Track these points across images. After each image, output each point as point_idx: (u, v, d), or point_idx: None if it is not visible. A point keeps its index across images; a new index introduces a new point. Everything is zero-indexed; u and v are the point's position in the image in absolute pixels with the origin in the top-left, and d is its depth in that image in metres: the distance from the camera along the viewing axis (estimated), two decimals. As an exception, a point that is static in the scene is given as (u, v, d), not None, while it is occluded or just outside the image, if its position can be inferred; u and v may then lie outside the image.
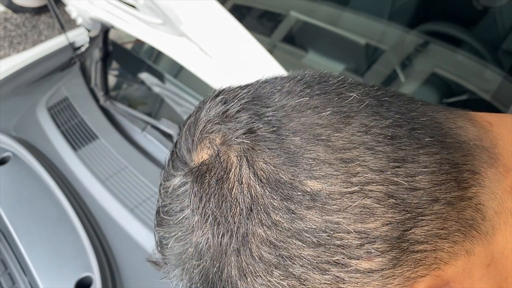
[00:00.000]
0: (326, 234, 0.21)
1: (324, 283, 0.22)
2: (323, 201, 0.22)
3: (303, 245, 0.22)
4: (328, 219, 0.22)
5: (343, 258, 0.22)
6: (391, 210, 0.21)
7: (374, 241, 0.21)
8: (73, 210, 0.90)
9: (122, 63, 1.34)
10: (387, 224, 0.21)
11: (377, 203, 0.21)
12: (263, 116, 0.24)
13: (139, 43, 1.23)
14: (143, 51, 1.24)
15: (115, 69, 1.33)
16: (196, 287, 0.26)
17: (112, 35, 1.34)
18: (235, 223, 0.23)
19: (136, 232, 0.86)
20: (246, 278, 0.23)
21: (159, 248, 0.29)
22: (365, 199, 0.21)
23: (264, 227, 0.22)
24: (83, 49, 1.36)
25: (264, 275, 0.23)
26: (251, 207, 0.23)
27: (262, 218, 0.22)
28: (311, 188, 0.22)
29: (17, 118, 1.16)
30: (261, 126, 0.24)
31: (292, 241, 0.22)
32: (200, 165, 0.25)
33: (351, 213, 0.21)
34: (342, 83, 0.26)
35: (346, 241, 0.21)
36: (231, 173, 0.24)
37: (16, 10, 2.71)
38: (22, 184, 1.00)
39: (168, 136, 1.01)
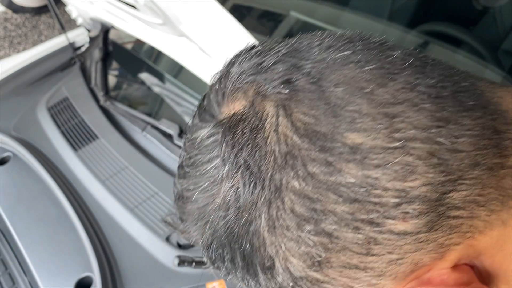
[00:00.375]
0: (364, 189, 0.21)
1: (356, 243, 0.21)
2: (363, 155, 0.21)
3: (339, 199, 0.21)
4: (367, 174, 0.21)
5: (378, 217, 0.21)
6: (432, 170, 0.21)
7: (412, 201, 0.21)
8: (73, 210, 0.90)
9: (122, 63, 1.34)
10: (427, 184, 0.21)
11: (419, 161, 0.21)
12: (301, 68, 0.23)
13: (139, 43, 1.23)
14: (143, 51, 1.24)
15: (115, 69, 1.33)
16: (219, 241, 0.25)
17: (112, 35, 1.34)
18: (268, 173, 0.22)
19: (136, 232, 0.86)
20: (275, 231, 0.23)
21: (179, 203, 0.28)
22: (407, 156, 0.21)
23: (299, 178, 0.22)
24: (83, 49, 1.36)
25: (294, 229, 0.22)
26: (287, 157, 0.22)
27: (298, 169, 0.22)
28: (351, 141, 0.21)
29: (17, 118, 1.16)
30: (300, 77, 0.23)
31: (328, 194, 0.21)
32: (232, 116, 0.24)
33: (392, 170, 0.21)
34: (385, 42, 0.25)
35: (383, 199, 0.21)
36: (266, 123, 0.23)
37: (16, 10, 2.71)
38: (22, 184, 1.00)
39: (168, 136, 1.01)
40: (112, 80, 1.29)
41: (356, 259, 0.22)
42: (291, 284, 0.24)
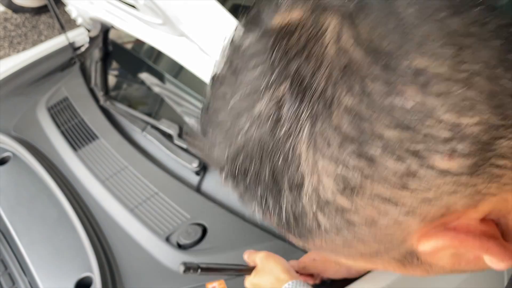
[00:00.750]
0: (418, 117, 0.20)
1: (395, 173, 0.21)
2: (426, 80, 0.20)
3: (391, 123, 0.20)
4: (425, 101, 0.20)
5: (425, 149, 0.20)
6: (490, 110, 0.20)
7: (463, 139, 0.20)
8: (73, 210, 0.90)
9: (122, 63, 1.34)
10: (483, 124, 0.20)
11: (480, 98, 0.20)
12: None
13: (139, 43, 1.23)
14: (143, 51, 1.23)
15: (115, 69, 1.33)
16: (249, 154, 0.23)
17: (112, 35, 1.34)
18: (320, 86, 0.21)
19: (136, 232, 0.86)
20: (315, 147, 0.21)
21: (210, 113, 0.26)
22: (470, 89, 0.20)
23: (353, 95, 0.20)
24: (83, 49, 1.36)
25: (335, 148, 0.21)
26: (345, 70, 0.21)
27: (353, 86, 0.20)
28: (417, 64, 0.20)
29: (17, 118, 1.16)
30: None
31: (380, 116, 0.20)
32: (286, 23, 0.23)
33: (451, 101, 0.20)
34: None
35: (435, 130, 0.20)
36: (327, 33, 0.21)
37: (16, 10, 2.71)
38: (22, 184, 1.00)
39: (168, 136, 1.01)
40: (112, 80, 1.29)
41: (390, 192, 0.21)
42: (314, 208, 0.23)
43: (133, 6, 0.98)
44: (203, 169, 0.95)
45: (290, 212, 0.23)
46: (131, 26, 1.06)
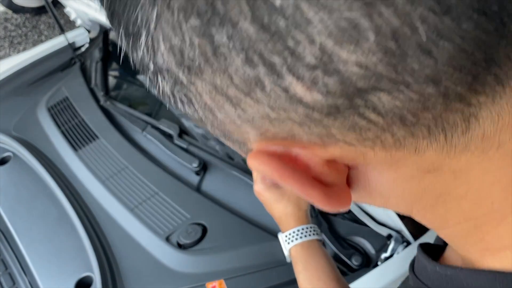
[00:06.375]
0: (283, 22, 0.15)
1: (241, 75, 0.17)
2: None
3: (247, 12, 0.15)
4: (300, 6, 0.14)
5: (282, 64, 0.16)
6: (382, 56, 0.15)
7: (331, 74, 0.15)
8: (73, 210, 0.90)
9: (122, 63, 1.34)
10: (364, 67, 0.15)
11: (374, 35, 0.15)
12: None
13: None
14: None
15: (115, 70, 1.33)
16: None
17: (112, 36, 1.35)
18: None
19: (136, 231, 0.86)
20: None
21: None
22: (364, 18, 0.14)
23: None
24: (83, 49, 1.36)
25: (177, 13, 0.16)
26: None
27: None
28: None
29: (17, 118, 1.16)
30: None
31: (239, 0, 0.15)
32: None
33: (334, 22, 0.14)
34: None
35: (301, 48, 0.15)
36: None
37: (16, 10, 2.71)
38: (23, 184, 1.00)
39: (168, 136, 1.01)
40: (112, 80, 1.29)
41: (231, 91, 0.17)
42: (152, 67, 0.19)
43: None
44: (203, 169, 0.95)
45: (139, 58, 0.20)
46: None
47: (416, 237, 0.74)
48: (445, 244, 0.27)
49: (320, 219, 0.81)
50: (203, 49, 0.17)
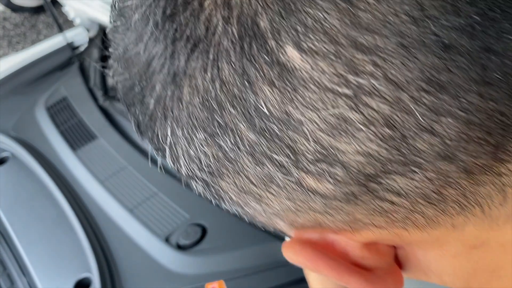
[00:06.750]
0: (277, 127, 0.15)
1: (255, 174, 0.17)
2: (295, 84, 0.15)
3: (243, 120, 0.16)
4: (290, 111, 0.15)
5: (287, 162, 0.16)
6: (382, 144, 0.15)
7: (335, 164, 0.15)
8: (72, 210, 0.90)
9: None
10: (367, 156, 0.15)
11: (365, 127, 0.14)
12: None
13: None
14: (143, 50, 1.23)
15: (114, 69, 1.33)
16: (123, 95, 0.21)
17: (111, 35, 1.34)
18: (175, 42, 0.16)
19: (136, 232, 0.85)
20: (165, 117, 0.18)
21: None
22: (353, 112, 0.14)
23: (205, 73, 0.16)
24: (82, 48, 1.36)
25: (186, 128, 0.17)
26: (198, 37, 0.16)
27: (206, 60, 0.16)
28: (287, 58, 0.14)
29: (16, 118, 1.16)
30: None
31: (232, 111, 0.16)
32: None
33: (324, 119, 0.15)
34: None
35: (300, 146, 0.15)
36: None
37: (15, 10, 2.70)
38: (21, 184, 0.99)
39: (168, 136, 1.01)
40: (111, 80, 1.29)
41: (252, 188, 0.18)
42: (183, 174, 0.21)
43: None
44: (202, 169, 0.95)
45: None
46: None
47: None
48: None
49: None
50: (216, 157, 0.18)
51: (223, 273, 0.75)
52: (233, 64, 0.15)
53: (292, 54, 0.14)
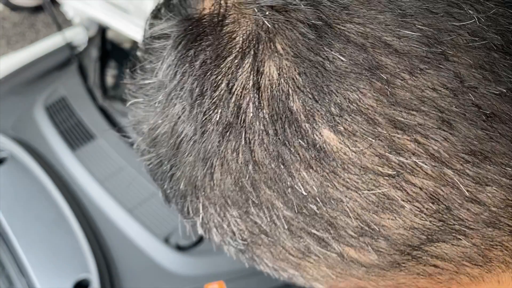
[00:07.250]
0: (316, 205, 0.15)
1: (289, 246, 0.17)
2: (332, 166, 0.14)
3: (279, 199, 0.15)
4: (328, 192, 0.15)
5: (327, 237, 0.16)
6: (425, 217, 0.14)
7: (378, 238, 0.15)
8: (71, 210, 0.89)
9: (120, 62, 1.33)
10: (410, 229, 0.15)
11: (409, 204, 0.14)
12: None
13: (138, 42, 1.22)
14: (142, 50, 1.23)
15: (114, 69, 1.33)
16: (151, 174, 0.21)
17: (110, 34, 1.34)
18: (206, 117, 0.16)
19: (135, 233, 0.85)
20: (196, 194, 0.19)
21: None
22: (395, 190, 0.14)
23: (237, 154, 0.16)
24: (81, 48, 1.35)
25: (218, 204, 0.18)
26: (231, 119, 0.15)
27: (237, 145, 0.16)
28: (323, 140, 0.14)
29: (14, 118, 1.16)
30: (303, 8, 0.15)
31: (267, 191, 0.15)
32: (200, 17, 0.17)
33: (365, 198, 0.14)
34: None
35: (340, 222, 0.15)
36: (223, 65, 0.16)
37: (13, 9, 2.69)
38: (20, 184, 0.99)
39: (167, 136, 1.01)
40: (110, 79, 1.29)
41: (289, 257, 0.18)
42: (214, 241, 0.22)
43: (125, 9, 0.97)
44: (202, 169, 0.94)
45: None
46: (126, 26, 1.06)
47: None
48: None
49: None
50: (250, 230, 0.18)
51: (223, 274, 0.75)
52: (266, 147, 0.15)
53: (328, 137, 0.14)
